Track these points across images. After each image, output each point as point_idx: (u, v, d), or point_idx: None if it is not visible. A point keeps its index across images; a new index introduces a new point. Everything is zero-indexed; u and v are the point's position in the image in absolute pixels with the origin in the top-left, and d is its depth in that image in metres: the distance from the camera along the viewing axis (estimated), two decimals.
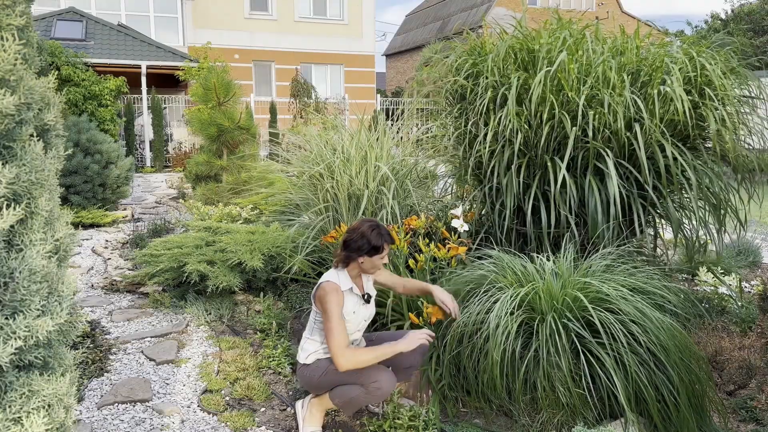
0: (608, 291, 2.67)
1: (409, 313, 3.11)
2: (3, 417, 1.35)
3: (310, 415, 2.72)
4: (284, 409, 2.95)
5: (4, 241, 1.40)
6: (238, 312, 4.24)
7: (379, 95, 22.63)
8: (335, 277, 2.68)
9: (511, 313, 2.66)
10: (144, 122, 15.36)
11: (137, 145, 14.93)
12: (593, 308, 2.59)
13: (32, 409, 1.40)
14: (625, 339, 2.51)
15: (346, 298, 2.67)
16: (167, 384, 3.22)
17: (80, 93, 12.97)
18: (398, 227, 3.60)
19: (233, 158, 7.41)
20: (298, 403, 2.81)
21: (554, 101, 3.34)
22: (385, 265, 2.92)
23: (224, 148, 7.44)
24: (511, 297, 2.72)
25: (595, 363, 2.54)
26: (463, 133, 3.81)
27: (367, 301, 2.78)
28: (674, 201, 3.68)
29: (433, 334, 2.65)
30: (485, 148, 3.50)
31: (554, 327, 2.59)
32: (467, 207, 4.06)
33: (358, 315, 2.73)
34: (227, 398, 3.06)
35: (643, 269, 3.00)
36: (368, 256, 2.66)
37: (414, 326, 3.10)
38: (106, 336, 3.85)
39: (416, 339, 2.58)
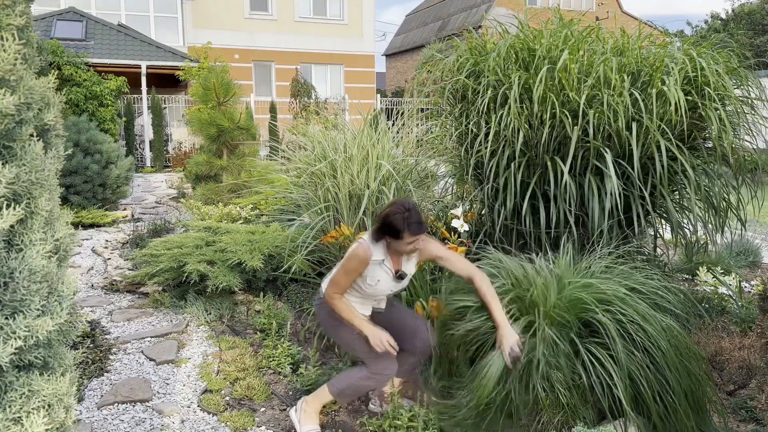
0: (607, 290, 2.66)
1: (416, 303, 3.12)
2: (3, 417, 1.35)
3: (305, 414, 2.69)
4: (284, 409, 2.95)
5: (4, 241, 1.40)
6: (238, 312, 4.23)
7: (379, 95, 22.63)
8: (372, 244, 2.64)
9: (508, 314, 2.66)
10: (144, 122, 15.35)
11: (137, 145, 14.93)
12: (592, 309, 2.59)
13: (32, 409, 1.40)
14: (624, 340, 2.50)
15: (373, 267, 2.63)
16: (167, 384, 3.22)
17: (81, 93, 12.97)
18: None
19: (233, 158, 7.41)
20: (291, 410, 2.77)
21: (555, 100, 3.34)
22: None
23: (224, 148, 7.44)
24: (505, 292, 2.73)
25: (596, 363, 2.54)
26: (464, 132, 3.81)
27: (399, 278, 2.71)
28: (674, 201, 3.68)
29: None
30: (486, 147, 3.50)
31: (551, 327, 2.58)
32: (467, 207, 4.05)
33: (382, 286, 2.68)
34: (227, 398, 3.05)
35: (642, 269, 3.00)
36: (392, 238, 2.59)
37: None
38: (106, 336, 3.85)
39: (378, 341, 2.57)
